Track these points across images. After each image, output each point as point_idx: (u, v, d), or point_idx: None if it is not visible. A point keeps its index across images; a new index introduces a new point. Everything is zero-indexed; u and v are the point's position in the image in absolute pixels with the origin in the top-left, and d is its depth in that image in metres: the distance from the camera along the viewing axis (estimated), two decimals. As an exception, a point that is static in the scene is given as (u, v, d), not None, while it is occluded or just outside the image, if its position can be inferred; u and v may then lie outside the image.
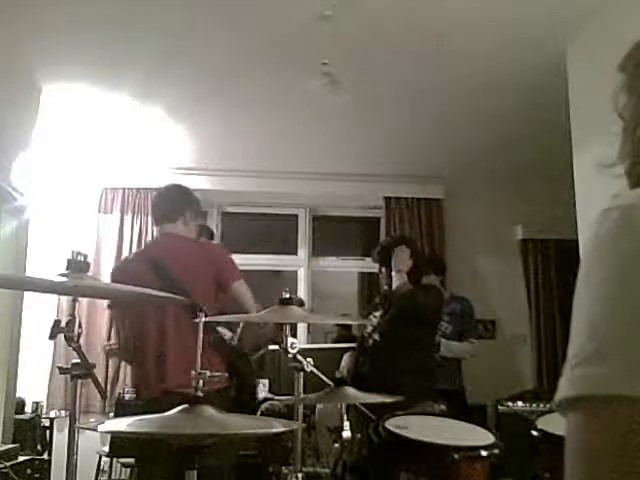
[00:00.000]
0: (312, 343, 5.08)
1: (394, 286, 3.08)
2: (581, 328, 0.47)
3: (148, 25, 3.06)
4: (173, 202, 2.75)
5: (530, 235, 5.32)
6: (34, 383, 4.40)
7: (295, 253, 5.47)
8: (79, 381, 1.72)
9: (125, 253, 4.77)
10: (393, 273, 3.10)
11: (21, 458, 3.32)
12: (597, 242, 0.50)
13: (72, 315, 1.74)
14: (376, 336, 3.02)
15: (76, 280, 1.70)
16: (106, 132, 4.36)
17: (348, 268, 5.63)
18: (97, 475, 4.22)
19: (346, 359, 3.56)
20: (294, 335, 2.12)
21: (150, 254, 2.69)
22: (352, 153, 4.82)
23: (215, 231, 5.30)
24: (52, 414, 4.36)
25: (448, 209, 5.30)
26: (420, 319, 3.04)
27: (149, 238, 4.83)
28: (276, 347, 2.54)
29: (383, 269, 3.21)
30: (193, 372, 2.06)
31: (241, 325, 2.73)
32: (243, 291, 2.61)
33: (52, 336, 1.73)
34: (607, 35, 2.83)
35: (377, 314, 3.12)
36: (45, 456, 3.88)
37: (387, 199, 5.27)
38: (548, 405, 3.80)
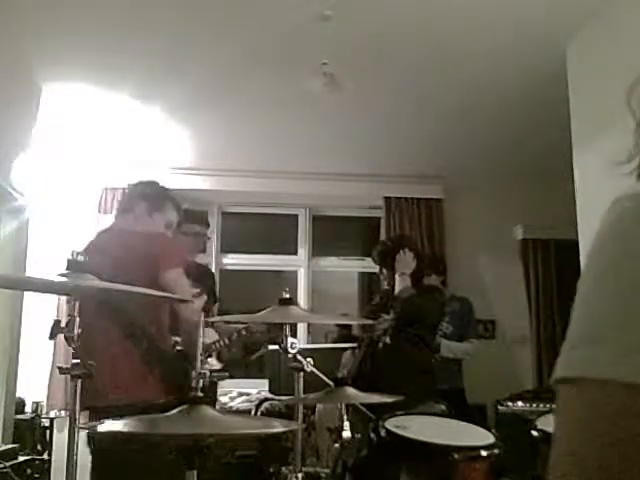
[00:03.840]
0: (312, 343, 5.08)
1: (397, 289, 3.06)
2: (583, 315, 0.48)
3: (148, 25, 3.06)
4: (127, 197, 2.73)
5: (530, 235, 5.32)
6: (34, 383, 4.39)
7: (295, 253, 5.47)
8: (79, 381, 1.72)
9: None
10: (397, 275, 3.08)
11: (21, 458, 3.32)
12: (606, 232, 0.49)
13: (72, 315, 1.73)
14: (387, 339, 3.01)
15: (76, 280, 1.70)
16: (106, 132, 4.36)
17: (348, 268, 5.63)
18: (97, 475, 4.22)
19: (345, 358, 3.55)
20: (294, 335, 2.12)
21: (88, 248, 2.54)
22: (352, 153, 4.81)
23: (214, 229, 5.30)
24: (52, 414, 4.35)
25: (448, 209, 5.30)
26: (422, 323, 3.04)
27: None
28: (276, 347, 2.52)
29: (384, 270, 3.19)
30: (193, 373, 2.06)
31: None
32: (174, 281, 2.32)
33: (52, 336, 1.73)
34: (607, 35, 2.84)
35: (388, 317, 3.08)
36: (45, 456, 3.89)
37: (387, 199, 5.26)
38: (548, 405, 3.80)
